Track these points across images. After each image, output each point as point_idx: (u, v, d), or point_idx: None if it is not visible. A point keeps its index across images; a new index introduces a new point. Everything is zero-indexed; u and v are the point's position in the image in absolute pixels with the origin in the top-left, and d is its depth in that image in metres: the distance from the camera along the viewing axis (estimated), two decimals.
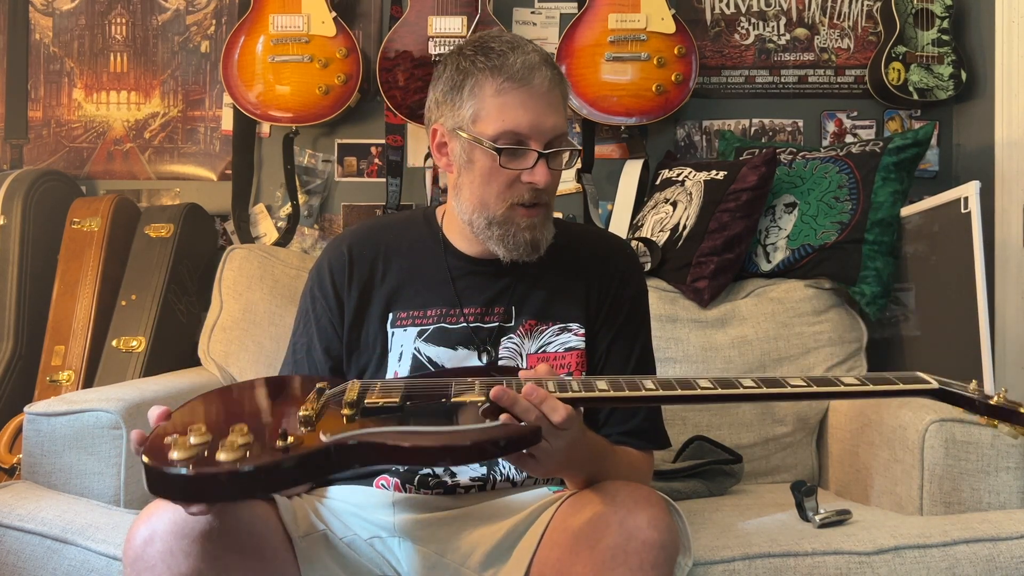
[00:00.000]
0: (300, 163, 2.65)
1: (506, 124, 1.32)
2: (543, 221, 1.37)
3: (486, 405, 1.11)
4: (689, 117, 2.67)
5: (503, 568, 1.29)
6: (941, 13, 2.56)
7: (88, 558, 1.47)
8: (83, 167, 2.68)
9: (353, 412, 1.09)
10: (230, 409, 1.15)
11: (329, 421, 1.08)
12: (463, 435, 1.05)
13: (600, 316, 1.44)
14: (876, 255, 2.20)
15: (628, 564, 1.13)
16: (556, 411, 1.11)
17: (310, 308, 1.46)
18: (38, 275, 2.35)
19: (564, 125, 1.36)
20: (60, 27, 2.68)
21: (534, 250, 1.37)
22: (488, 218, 1.36)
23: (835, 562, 1.44)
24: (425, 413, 1.12)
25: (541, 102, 1.33)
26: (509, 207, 1.35)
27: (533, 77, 1.32)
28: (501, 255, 1.39)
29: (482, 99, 1.33)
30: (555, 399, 1.11)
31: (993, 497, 1.64)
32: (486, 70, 1.33)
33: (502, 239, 1.36)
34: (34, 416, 1.70)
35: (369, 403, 1.12)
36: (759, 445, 2.09)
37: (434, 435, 1.05)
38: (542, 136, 1.33)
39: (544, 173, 1.33)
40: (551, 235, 1.39)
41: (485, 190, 1.35)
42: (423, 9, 2.45)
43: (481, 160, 1.34)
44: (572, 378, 1.18)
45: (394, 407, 1.12)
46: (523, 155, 1.33)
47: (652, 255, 2.32)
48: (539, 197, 1.35)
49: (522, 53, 1.34)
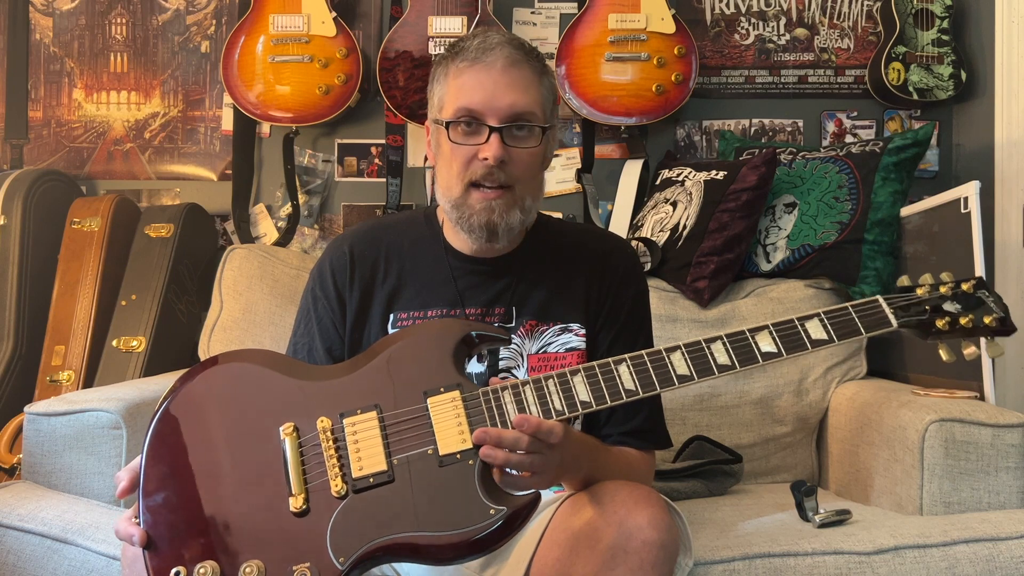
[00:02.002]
0: (300, 163, 2.65)
1: (460, 101, 1.32)
2: (503, 205, 1.33)
3: (477, 456, 1.12)
4: (689, 117, 2.67)
5: (503, 568, 1.29)
6: (941, 13, 2.56)
7: (88, 558, 1.47)
8: (83, 167, 2.68)
9: (345, 490, 1.10)
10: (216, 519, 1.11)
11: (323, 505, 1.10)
12: (472, 533, 1.09)
13: (601, 316, 1.44)
14: (876, 255, 2.20)
15: (628, 564, 1.13)
16: (552, 432, 1.12)
17: (311, 308, 1.46)
18: (38, 275, 2.35)
19: (530, 104, 1.33)
20: (60, 27, 2.68)
21: (491, 234, 1.34)
22: (451, 201, 1.35)
23: (835, 562, 1.44)
24: (418, 482, 1.12)
25: (497, 78, 1.32)
26: (466, 188, 1.33)
27: (488, 56, 1.32)
28: (468, 241, 1.38)
29: (445, 84, 1.36)
30: (546, 422, 1.13)
31: (993, 497, 1.64)
32: (448, 57, 1.36)
33: (460, 222, 1.35)
34: (34, 416, 1.70)
35: (358, 477, 1.12)
36: (759, 445, 2.09)
37: (452, 536, 1.09)
38: (496, 112, 1.31)
39: (496, 147, 1.30)
40: (517, 222, 1.35)
41: (448, 172, 1.35)
42: (423, 9, 2.45)
43: (444, 143, 1.35)
44: (547, 376, 1.18)
45: (384, 479, 1.12)
46: (478, 132, 1.32)
47: (652, 255, 2.32)
48: (494, 176, 1.32)
49: (483, 37, 1.35)
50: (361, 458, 1.13)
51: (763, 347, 1.19)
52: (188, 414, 1.16)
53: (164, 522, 1.10)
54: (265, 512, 1.10)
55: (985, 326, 1.20)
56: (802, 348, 1.19)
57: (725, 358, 1.19)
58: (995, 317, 1.20)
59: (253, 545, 1.08)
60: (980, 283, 1.22)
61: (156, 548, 1.09)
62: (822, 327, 1.19)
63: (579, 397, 1.17)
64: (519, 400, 1.16)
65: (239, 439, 1.15)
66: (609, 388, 1.17)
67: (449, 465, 1.12)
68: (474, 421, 1.14)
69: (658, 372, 1.19)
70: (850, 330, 1.20)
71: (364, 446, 1.14)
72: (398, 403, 1.17)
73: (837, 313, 1.20)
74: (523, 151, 1.33)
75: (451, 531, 1.09)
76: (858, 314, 1.20)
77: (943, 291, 1.22)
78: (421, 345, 1.22)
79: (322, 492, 1.11)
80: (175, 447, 1.13)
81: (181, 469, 1.12)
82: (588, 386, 1.17)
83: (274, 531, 1.10)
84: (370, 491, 1.11)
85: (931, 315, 1.21)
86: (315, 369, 1.27)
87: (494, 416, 1.15)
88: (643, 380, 1.18)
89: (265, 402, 1.17)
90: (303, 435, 1.15)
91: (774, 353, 1.19)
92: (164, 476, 1.12)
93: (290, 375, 1.20)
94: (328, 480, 1.12)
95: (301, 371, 1.22)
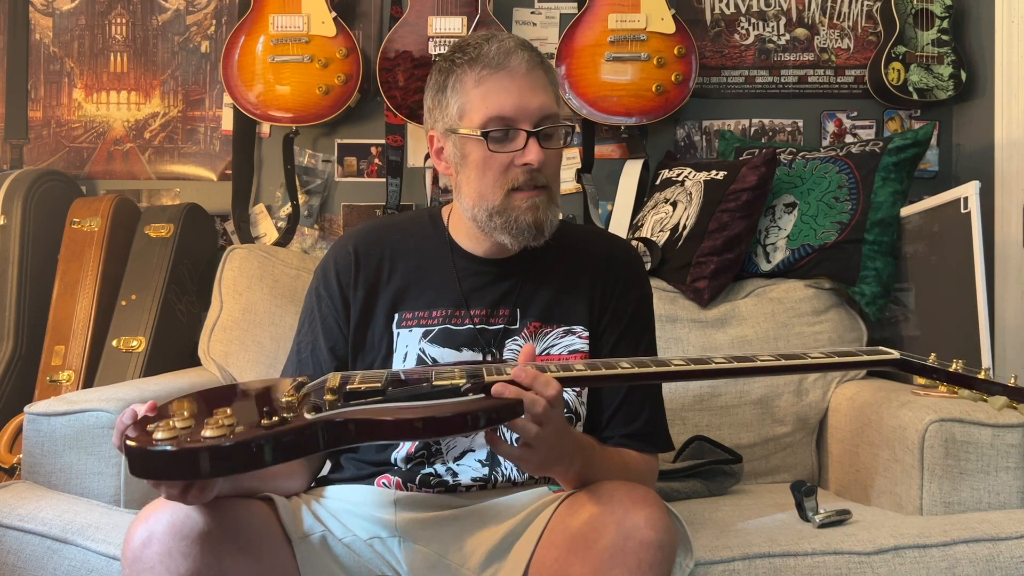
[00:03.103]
0: (300, 163, 2.65)
1: (490, 110, 1.32)
2: (545, 203, 1.35)
3: (468, 386, 1.10)
4: (689, 117, 2.67)
5: (501, 568, 1.29)
6: (941, 13, 2.56)
7: (88, 558, 1.47)
8: (83, 167, 2.68)
9: (336, 397, 1.08)
10: (214, 400, 1.13)
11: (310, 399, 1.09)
12: (445, 407, 1.07)
13: (604, 319, 1.44)
14: (876, 255, 2.20)
15: (626, 564, 1.13)
16: (549, 384, 1.11)
17: (315, 307, 1.46)
18: (38, 275, 2.35)
19: (553, 105, 1.34)
20: (60, 27, 2.68)
21: (539, 232, 1.35)
22: (488, 210, 1.35)
23: (835, 562, 1.44)
24: (407, 396, 1.11)
25: (523, 83, 1.32)
26: (507, 194, 1.34)
27: (510, 60, 1.32)
28: (508, 244, 1.37)
29: (464, 93, 1.34)
30: (545, 375, 1.12)
31: (993, 497, 1.64)
32: (464, 64, 1.34)
33: (506, 227, 1.35)
34: (34, 416, 1.70)
35: (351, 388, 1.12)
36: (759, 445, 2.09)
37: (417, 408, 1.06)
38: (529, 116, 1.32)
39: (536, 151, 1.31)
40: (556, 218, 1.37)
41: (481, 182, 1.35)
42: (423, 9, 2.45)
43: (474, 152, 1.34)
44: (549, 364, 1.18)
45: (376, 391, 1.11)
46: (513, 138, 1.32)
47: (652, 255, 2.32)
48: (536, 179, 1.33)
49: (496, 41, 1.34)
50: (359, 384, 1.13)
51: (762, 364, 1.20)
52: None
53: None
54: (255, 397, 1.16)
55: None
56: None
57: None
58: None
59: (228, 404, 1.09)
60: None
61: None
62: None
63: (575, 367, 1.17)
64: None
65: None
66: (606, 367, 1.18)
67: (439, 389, 1.11)
68: (472, 377, 1.14)
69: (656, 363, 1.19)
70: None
71: (365, 380, 1.15)
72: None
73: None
74: (554, 152, 1.35)
75: (423, 404, 1.07)
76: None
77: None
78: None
79: (315, 397, 1.11)
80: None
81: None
82: (586, 366, 1.18)
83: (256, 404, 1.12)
84: (359, 398, 1.10)
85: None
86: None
87: (493, 376, 1.15)
88: (640, 365, 1.18)
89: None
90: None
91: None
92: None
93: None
94: (324, 389, 1.10)
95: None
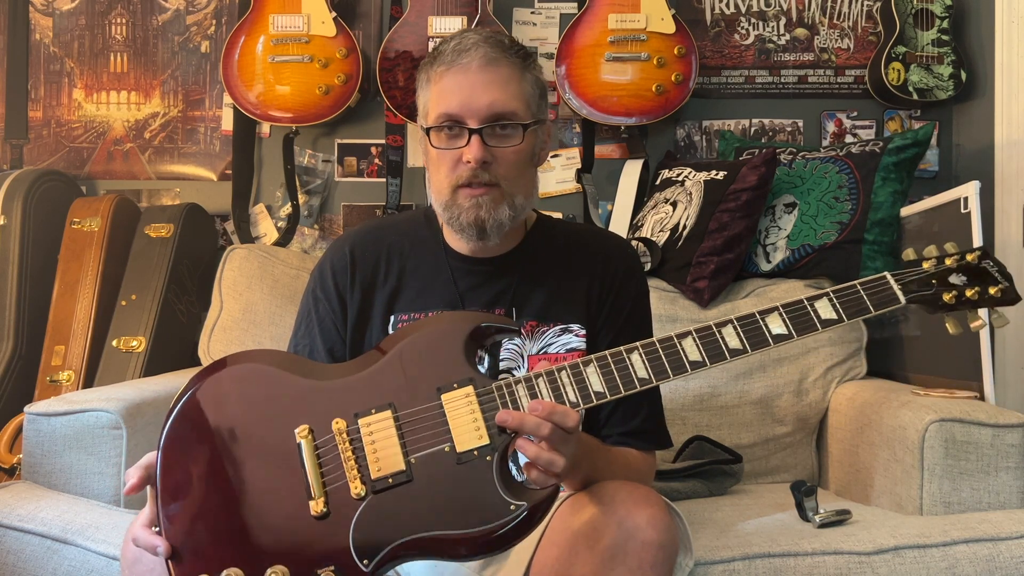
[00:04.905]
0: (300, 163, 2.65)
1: (440, 107, 1.33)
2: (490, 202, 1.33)
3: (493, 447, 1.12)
4: (689, 117, 2.67)
5: (502, 568, 1.29)
6: (941, 13, 2.56)
7: (88, 558, 1.47)
8: (83, 167, 2.68)
9: (365, 491, 1.10)
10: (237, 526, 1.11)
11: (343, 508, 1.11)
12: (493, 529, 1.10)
13: (601, 317, 1.43)
14: (876, 255, 2.20)
15: (627, 564, 1.13)
16: (568, 416, 1.11)
17: (312, 309, 1.46)
18: (38, 275, 2.35)
19: (510, 102, 1.33)
20: (60, 27, 2.68)
21: (480, 231, 1.34)
22: (441, 204, 1.36)
23: (835, 562, 1.44)
24: (437, 480, 1.12)
25: (474, 79, 1.31)
26: (453, 191, 1.34)
27: (463, 57, 1.32)
28: (465, 241, 1.39)
29: (427, 91, 1.36)
30: (559, 406, 1.12)
31: (993, 497, 1.64)
32: (428, 63, 1.37)
33: (451, 222, 1.36)
34: (34, 416, 1.70)
35: (376, 478, 1.12)
36: (759, 445, 2.09)
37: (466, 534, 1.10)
38: (475, 113, 1.31)
39: (477, 149, 1.30)
40: (507, 219, 1.35)
41: (436, 177, 1.36)
42: (423, 9, 2.45)
43: (430, 149, 1.36)
44: (559, 368, 1.18)
45: (403, 479, 1.12)
46: (459, 135, 1.32)
47: (652, 255, 2.32)
48: (479, 176, 1.32)
49: (459, 39, 1.35)
50: (379, 459, 1.13)
51: (774, 329, 1.18)
52: (200, 420, 1.15)
53: (185, 531, 1.09)
54: (286, 516, 1.10)
55: (991, 296, 1.20)
56: (812, 329, 1.18)
57: (736, 342, 1.18)
58: (1000, 288, 1.20)
59: (276, 550, 1.09)
60: (984, 254, 1.22)
61: (180, 558, 1.08)
62: (831, 307, 1.19)
63: (592, 388, 1.17)
64: (533, 393, 1.16)
65: (254, 443, 1.14)
66: (623, 377, 1.17)
67: (467, 462, 1.12)
68: (489, 416, 1.14)
69: (670, 359, 1.18)
70: (859, 308, 1.19)
71: (381, 446, 1.14)
72: (412, 401, 1.16)
73: (846, 291, 1.20)
74: (507, 150, 1.33)
75: (472, 528, 1.09)
76: (866, 292, 1.20)
77: (948, 263, 1.22)
78: (431, 340, 1.22)
79: (342, 494, 1.11)
80: (190, 454, 1.13)
81: (198, 476, 1.12)
82: (601, 376, 1.17)
83: (296, 535, 1.10)
84: (389, 491, 1.11)
85: (938, 289, 1.21)
86: (325, 368, 1.27)
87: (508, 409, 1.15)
88: (656, 368, 1.18)
89: (278, 404, 1.17)
90: (319, 437, 1.14)
91: (785, 335, 1.18)
92: (181, 484, 1.11)
93: (300, 375, 1.19)
94: (347, 483, 1.11)
95: (311, 370, 1.22)
